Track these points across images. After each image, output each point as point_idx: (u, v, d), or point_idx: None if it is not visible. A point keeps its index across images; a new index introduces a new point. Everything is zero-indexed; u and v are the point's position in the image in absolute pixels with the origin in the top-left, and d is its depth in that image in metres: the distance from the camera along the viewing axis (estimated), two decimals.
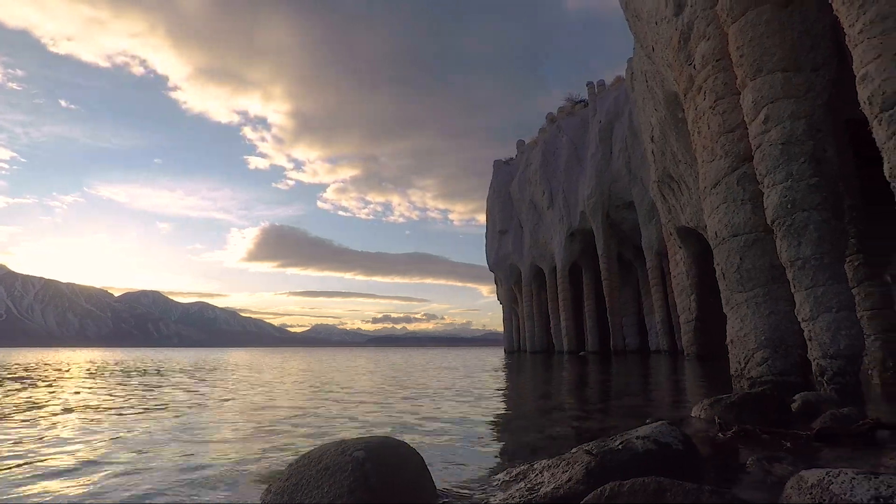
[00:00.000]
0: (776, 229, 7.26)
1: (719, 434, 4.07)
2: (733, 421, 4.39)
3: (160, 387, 10.27)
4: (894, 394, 7.54)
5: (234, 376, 10.21)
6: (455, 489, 2.98)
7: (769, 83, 7.34)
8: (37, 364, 24.52)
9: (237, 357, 29.88)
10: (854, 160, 8.89)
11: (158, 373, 12.76)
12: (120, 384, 11.14)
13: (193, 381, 10.76)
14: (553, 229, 39.72)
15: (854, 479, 1.91)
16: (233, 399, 8.21)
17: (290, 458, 3.60)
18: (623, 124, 32.73)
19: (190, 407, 7.19)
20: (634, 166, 30.99)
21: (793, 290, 7.14)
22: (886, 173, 5.72)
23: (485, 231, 52.20)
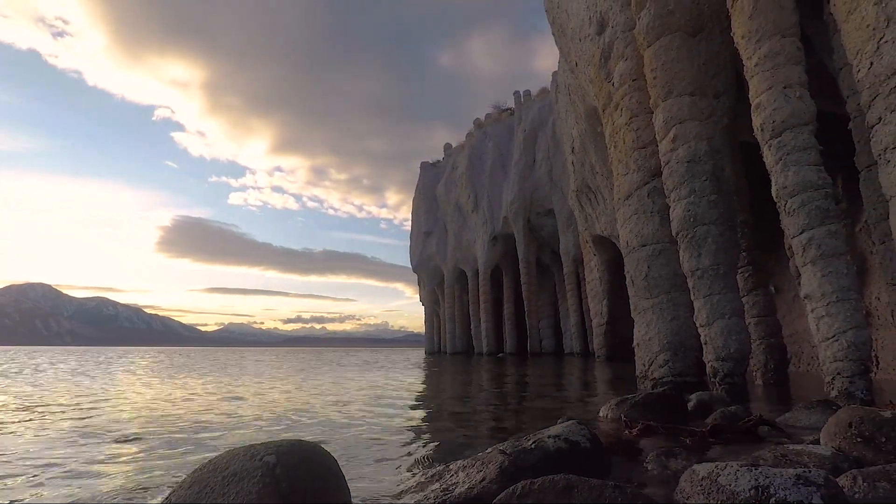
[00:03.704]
0: (680, 241, 7.82)
1: (626, 431, 4.31)
2: (638, 419, 4.67)
3: None
4: (774, 393, 8.37)
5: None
6: (370, 492, 2.94)
7: (678, 105, 7.90)
8: None
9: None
10: (746, 180, 9.78)
11: None
12: None
13: None
14: (476, 232, 40.41)
15: (738, 471, 2.10)
16: None
17: None
18: (546, 134, 33.93)
19: None
20: (556, 175, 32.21)
21: (692, 298, 7.73)
22: (773, 193, 6.35)
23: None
